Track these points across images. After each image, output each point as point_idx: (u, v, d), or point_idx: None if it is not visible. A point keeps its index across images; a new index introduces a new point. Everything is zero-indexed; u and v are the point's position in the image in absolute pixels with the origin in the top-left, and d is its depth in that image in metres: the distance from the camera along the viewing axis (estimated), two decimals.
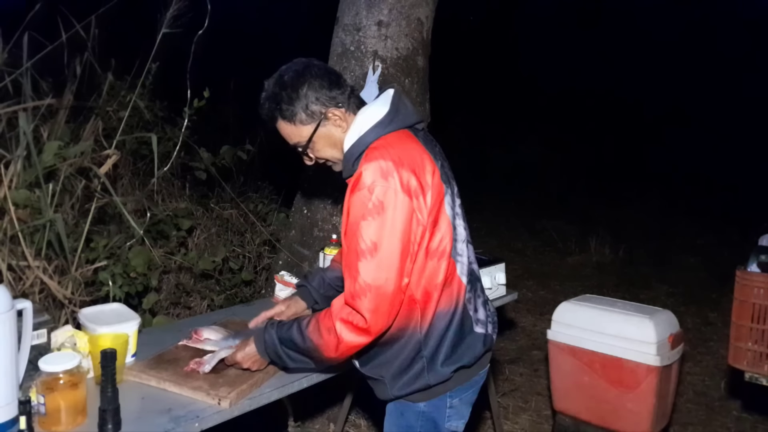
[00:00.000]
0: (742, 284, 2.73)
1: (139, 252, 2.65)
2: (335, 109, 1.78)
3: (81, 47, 2.84)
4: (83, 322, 1.92)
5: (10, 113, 2.47)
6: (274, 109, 1.79)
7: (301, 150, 1.84)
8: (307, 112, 1.77)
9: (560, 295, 3.29)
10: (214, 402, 1.72)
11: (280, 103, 1.77)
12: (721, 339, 4.38)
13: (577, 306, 2.98)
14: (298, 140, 1.82)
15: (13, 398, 1.52)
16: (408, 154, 1.70)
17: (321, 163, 1.89)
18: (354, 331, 1.65)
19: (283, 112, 1.78)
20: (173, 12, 2.70)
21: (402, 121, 1.78)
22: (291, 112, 1.77)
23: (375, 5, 3.07)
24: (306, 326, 1.72)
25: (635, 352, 2.76)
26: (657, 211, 7.72)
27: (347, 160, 1.79)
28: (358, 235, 1.63)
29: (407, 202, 1.63)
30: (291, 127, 1.80)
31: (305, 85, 1.77)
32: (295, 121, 1.78)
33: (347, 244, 1.69)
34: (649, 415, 2.77)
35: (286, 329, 1.76)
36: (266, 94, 1.81)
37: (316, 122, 1.78)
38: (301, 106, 1.77)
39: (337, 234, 2.97)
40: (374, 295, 1.62)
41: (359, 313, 1.63)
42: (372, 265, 1.62)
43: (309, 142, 1.81)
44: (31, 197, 2.36)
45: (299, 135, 1.81)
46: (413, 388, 1.77)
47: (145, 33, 2.85)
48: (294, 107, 1.77)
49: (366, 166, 1.66)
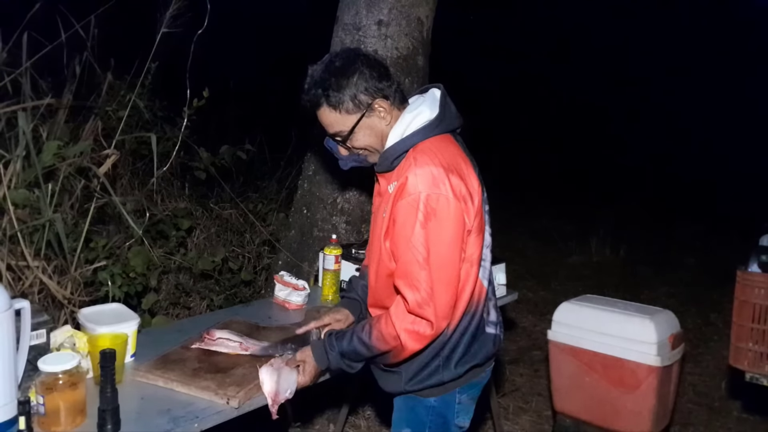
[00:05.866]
0: (743, 284, 2.73)
1: (139, 252, 2.65)
2: (382, 101, 1.75)
3: (80, 47, 2.83)
4: (82, 322, 1.92)
5: (10, 113, 2.47)
6: (321, 96, 1.73)
7: (340, 139, 1.79)
8: (355, 102, 1.72)
9: (561, 295, 3.28)
10: (222, 402, 1.72)
11: (328, 89, 1.72)
12: (722, 339, 4.38)
13: (577, 306, 2.98)
14: (341, 129, 1.76)
15: (12, 398, 1.51)
16: (454, 159, 1.71)
17: (353, 153, 1.84)
18: (418, 340, 1.67)
19: (329, 99, 1.72)
20: (172, 11, 2.70)
21: (447, 126, 1.77)
22: (338, 100, 1.72)
23: (375, 5, 3.06)
24: (369, 337, 1.72)
25: (636, 353, 2.75)
26: (658, 211, 7.71)
27: (387, 157, 1.76)
28: (414, 244, 1.63)
29: (459, 208, 1.64)
30: (335, 115, 1.74)
31: (356, 73, 1.72)
32: (341, 109, 1.73)
33: (399, 252, 1.68)
34: (649, 416, 2.76)
35: (347, 343, 1.75)
36: (312, 79, 1.74)
37: (361, 112, 1.74)
38: (349, 95, 1.72)
39: (336, 234, 2.97)
40: (439, 302, 1.64)
41: (426, 320, 1.65)
42: (433, 274, 1.63)
43: (351, 132, 1.76)
44: (31, 197, 2.36)
45: (342, 124, 1.75)
46: (426, 384, 1.79)
47: (144, 33, 2.85)
48: (342, 95, 1.72)
49: (415, 172, 1.64)
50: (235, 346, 1.98)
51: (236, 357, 1.94)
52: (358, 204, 3.15)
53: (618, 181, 8.84)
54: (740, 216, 6.31)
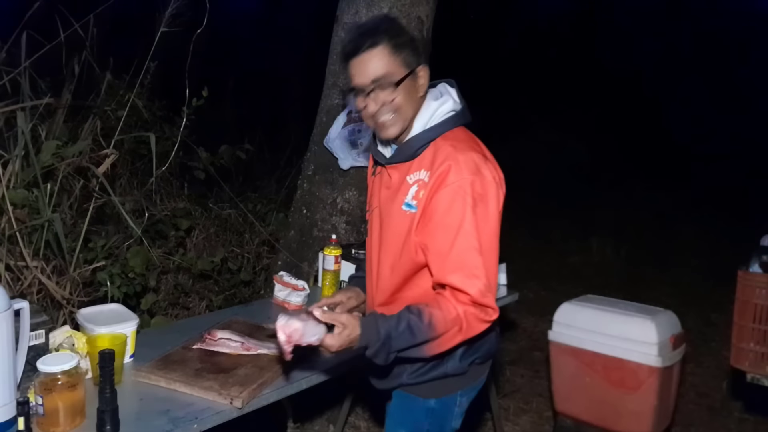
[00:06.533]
0: (744, 285, 2.72)
1: (138, 252, 2.64)
2: (424, 69, 1.70)
3: (79, 46, 2.83)
4: (81, 322, 1.92)
5: (8, 112, 2.46)
6: (385, 32, 1.64)
7: (381, 86, 1.64)
8: (409, 56, 1.66)
9: (561, 295, 3.27)
10: (226, 402, 1.71)
11: (391, 31, 1.66)
12: (723, 340, 4.36)
13: (578, 307, 2.97)
14: (390, 72, 1.64)
15: (11, 399, 1.51)
16: (482, 149, 1.71)
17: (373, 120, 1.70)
18: (479, 327, 1.61)
19: (392, 39, 1.64)
20: (172, 11, 2.69)
21: (468, 118, 1.75)
22: (399, 43, 1.65)
23: (375, 3, 3.05)
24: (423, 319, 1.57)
25: (637, 353, 2.75)
26: (659, 211, 7.70)
27: (411, 145, 1.70)
28: (468, 231, 1.58)
29: (499, 194, 1.65)
30: (389, 59, 1.64)
31: (408, 34, 1.70)
32: (398, 55, 1.64)
33: (442, 242, 1.60)
34: (650, 416, 2.75)
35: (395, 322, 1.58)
36: (374, 20, 1.69)
37: (409, 70, 1.66)
38: (409, 45, 1.67)
39: (336, 234, 2.96)
40: (494, 288, 1.62)
41: (490, 308, 1.60)
42: (486, 260, 1.60)
43: (401, 81, 1.65)
44: (29, 197, 2.35)
45: (394, 70, 1.64)
46: (429, 376, 1.73)
47: (143, 32, 2.84)
48: (403, 41, 1.66)
49: (457, 159, 1.61)
50: (237, 346, 1.98)
51: (238, 357, 1.94)
52: (358, 204, 3.14)
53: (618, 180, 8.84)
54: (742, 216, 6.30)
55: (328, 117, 3.14)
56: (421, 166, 1.68)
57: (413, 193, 1.67)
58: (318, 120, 3.23)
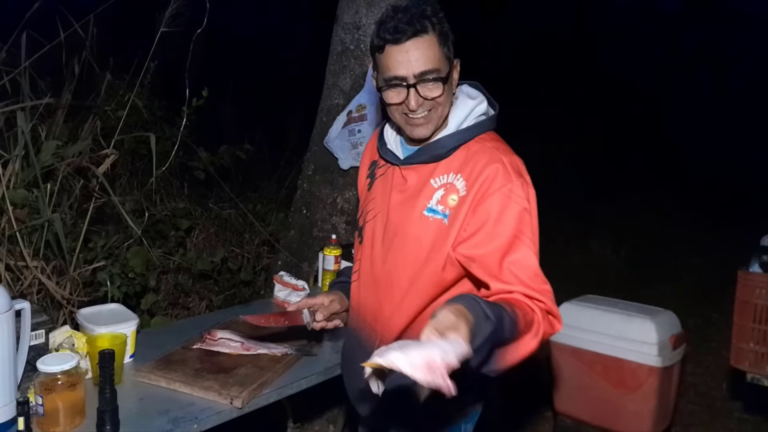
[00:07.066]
0: (744, 285, 2.73)
1: (138, 252, 2.65)
2: (458, 64, 1.55)
3: (79, 46, 2.83)
4: (81, 322, 1.91)
5: (8, 112, 2.46)
6: (432, 16, 1.47)
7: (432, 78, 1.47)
8: (452, 47, 1.51)
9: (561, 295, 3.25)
10: (226, 402, 1.71)
11: (439, 17, 1.49)
12: (723, 340, 4.36)
13: (578, 306, 2.97)
14: (439, 66, 1.48)
15: (12, 399, 1.51)
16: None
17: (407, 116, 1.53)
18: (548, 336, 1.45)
19: (440, 25, 1.48)
20: (172, 11, 2.69)
21: (496, 123, 1.64)
22: (447, 32, 1.49)
23: (375, 4, 3.05)
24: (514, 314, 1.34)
25: (637, 353, 2.75)
26: (659, 212, 7.70)
27: (444, 144, 1.55)
28: (525, 237, 1.47)
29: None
30: (438, 48, 1.48)
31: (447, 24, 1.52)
32: (445, 44, 1.49)
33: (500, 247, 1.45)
34: (650, 416, 2.75)
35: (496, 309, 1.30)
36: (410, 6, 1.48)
37: (451, 64, 1.52)
38: (450, 36, 1.51)
39: (336, 234, 2.96)
40: None
41: (557, 318, 1.47)
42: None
43: (449, 75, 1.50)
44: (29, 197, 2.36)
45: (440, 65, 1.48)
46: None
47: (143, 32, 2.84)
48: (448, 27, 1.50)
49: (501, 162, 1.50)
50: (237, 346, 1.97)
51: (238, 357, 1.94)
52: (358, 204, 3.14)
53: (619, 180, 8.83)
54: (742, 216, 6.30)
55: (328, 117, 3.14)
56: (450, 169, 1.54)
57: (439, 198, 1.53)
58: (318, 120, 3.22)
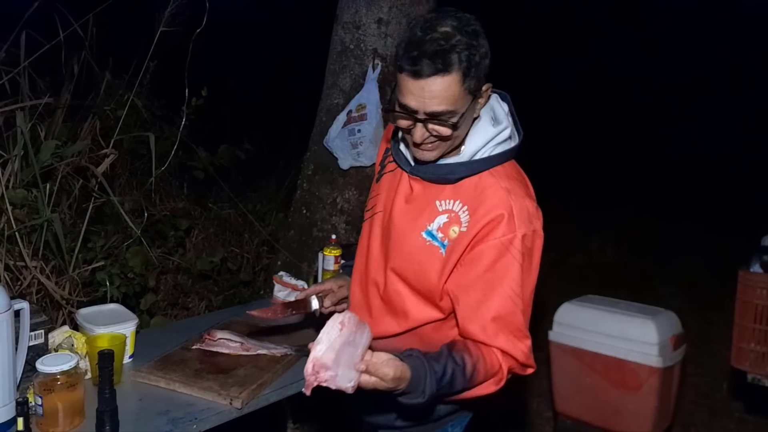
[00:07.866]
0: (745, 285, 2.72)
1: (137, 252, 2.64)
2: (488, 88, 1.41)
3: (79, 46, 2.82)
4: (81, 322, 1.91)
5: (8, 112, 2.45)
6: (461, 51, 1.30)
7: (444, 120, 1.35)
8: (482, 75, 1.36)
9: (562, 295, 3.26)
10: (225, 402, 1.71)
11: (470, 47, 1.32)
12: (724, 340, 4.35)
13: (578, 307, 2.97)
14: (453, 109, 1.34)
15: (11, 399, 1.51)
16: (530, 189, 1.51)
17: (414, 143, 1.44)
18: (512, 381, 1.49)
19: (469, 59, 1.31)
20: (171, 10, 2.69)
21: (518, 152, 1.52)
22: (477, 63, 1.32)
23: (375, 3, 3.05)
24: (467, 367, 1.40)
25: (637, 353, 2.75)
26: (659, 212, 7.70)
27: (454, 170, 1.46)
28: (515, 291, 1.42)
29: (541, 245, 1.48)
30: (458, 87, 1.32)
31: (486, 46, 1.35)
32: (471, 78, 1.33)
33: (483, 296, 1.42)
34: (651, 417, 2.75)
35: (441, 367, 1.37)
36: (448, 29, 1.31)
37: (474, 96, 1.37)
38: (482, 62, 1.34)
39: (336, 234, 2.96)
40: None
41: (530, 366, 1.48)
42: (527, 317, 1.47)
43: (462, 117, 1.37)
44: (29, 197, 2.35)
45: (459, 103, 1.35)
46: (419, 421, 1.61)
47: (143, 31, 2.84)
48: (480, 54, 1.33)
49: (511, 208, 1.41)
50: (236, 346, 1.97)
51: (237, 357, 1.93)
52: (358, 204, 3.14)
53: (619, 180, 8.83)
54: (742, 216, 6.30)
55: (328, 117, 3.14)
56: (458, 196, 1.46)
57: (441, 224, 1.47)
58: (318, 120, 3.22)
